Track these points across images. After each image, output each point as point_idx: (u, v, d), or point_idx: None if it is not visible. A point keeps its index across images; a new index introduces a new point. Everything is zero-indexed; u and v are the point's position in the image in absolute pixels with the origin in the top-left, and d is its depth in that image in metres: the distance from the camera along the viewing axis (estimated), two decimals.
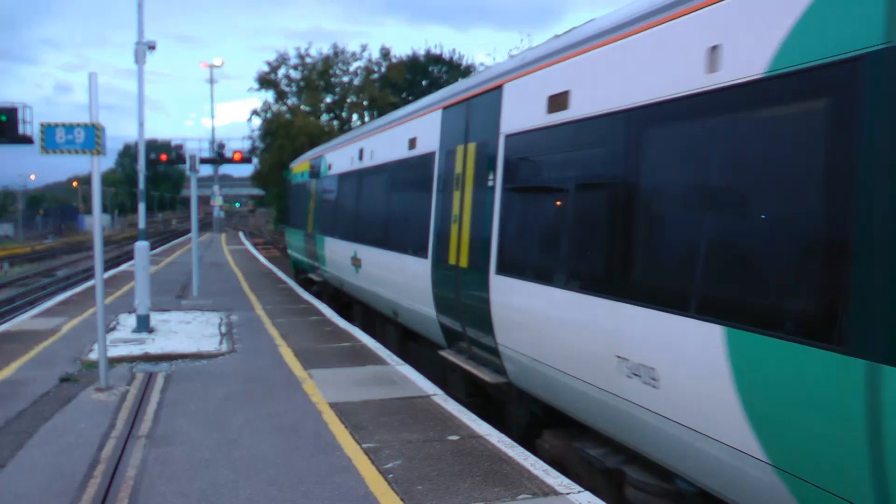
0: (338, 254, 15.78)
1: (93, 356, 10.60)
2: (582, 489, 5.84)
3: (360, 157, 14.36)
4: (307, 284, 21.38)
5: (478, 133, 8.55)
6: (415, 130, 11.02)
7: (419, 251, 10.12)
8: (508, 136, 7.66)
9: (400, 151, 11.61)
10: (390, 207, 12.22)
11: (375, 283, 12.82)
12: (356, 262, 13.89)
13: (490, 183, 7.96)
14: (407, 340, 12.11)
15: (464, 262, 8.58)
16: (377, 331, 13.91)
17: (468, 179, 8.68)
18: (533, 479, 6.02)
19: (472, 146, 8.69)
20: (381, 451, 6.72)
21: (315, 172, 19.83)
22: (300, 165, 23.13)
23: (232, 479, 6.11)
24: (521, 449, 6.83)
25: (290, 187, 25.95)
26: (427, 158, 10.20)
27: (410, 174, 11.09)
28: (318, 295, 19.07)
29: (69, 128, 8.69)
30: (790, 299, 4.25)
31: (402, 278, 10.99)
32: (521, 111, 7.48)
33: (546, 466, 6.36)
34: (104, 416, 7.96)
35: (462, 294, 8.62)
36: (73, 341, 12.08)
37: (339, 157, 16.71)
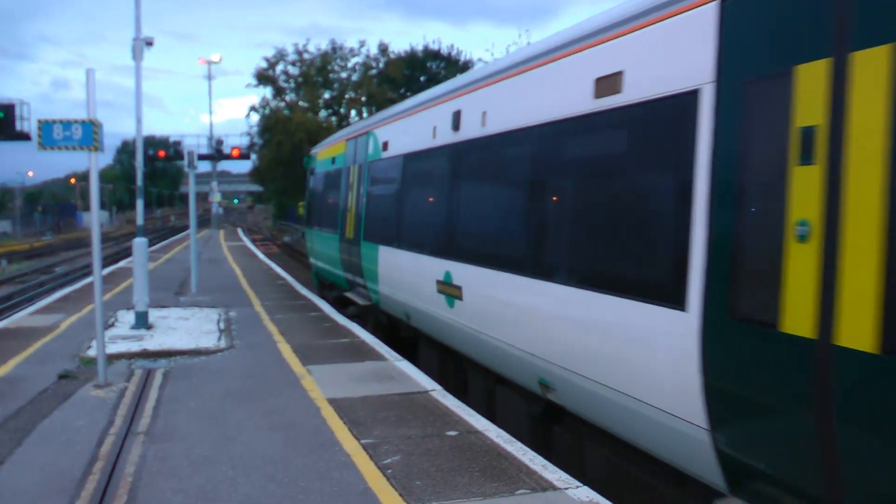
0: (406, 272, 10.91)
1: (91, 353, 10.59)
2: (580, 484, 5.84)
3: (456, 126, 9.16)
4: (341, 305, 16.30)
5: None
6: (614, 60, 6.03)
7: (654, 292, 5.34)
8: None
9: (568, 103, 6.64)
10: (542, 204, 7.13)
11: (499, 331, 7.78)
12: (450, 289, 8.95)
13: None
14: (551, 422, 7.45)
15: (866, 341, 3.70)
16: (471, 391, 9.33)
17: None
18: (531, 475, 6.03)
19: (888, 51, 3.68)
20: (380, 447, 6.73)
21: (357, 156, 14.55)
22: (330, 149, 18.12)
23: (231, 475, 6.11)
24: (520, 444, 6.83)
25: (314, 178, 20.05)
26: (664, 107, 5.40)
27: (605, 142, 6.31)
28: (357, 319, 14.32)
29: (67, 124, 8.67)
30: None
31: (589, 338, 6.17)
32: None
33: (545, 462, 6.37)
34: (103, 412, 7.96)
35: (858, 416, 3.82)
36: (71, 338, 12.07)
37: (406, 131, 11.56)
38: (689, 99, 5.11)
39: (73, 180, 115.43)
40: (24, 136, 33.31)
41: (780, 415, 4.34)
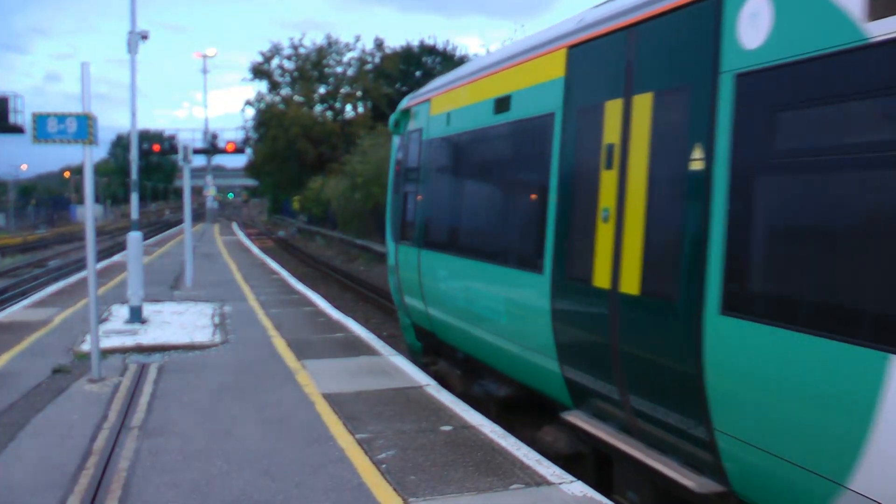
0: None
1: (85, 347, 10.56)
2: (574, 479, 5.86)
3: None
4: (508, 422, 7.98)
5: None
6: None
7: None
8: None
9: None
10: None
11: None
12: None
13: None
14: None
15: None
16: None
17: None
18: (525, 469, 6.04)
19: None
20: (375, 442, 6.73)
21: (639, 77, 5.54)
22: (481, 83, 8.44)
23: (225, 469, 6.11)
24: (514, 439, 6.85)
25: (419, 150, 10.33)
26: None
27: None
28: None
29: (61, 117, 8.64)
30: None
31: None
32: None
33: (538, 456, 6.38)
34: (97, 407, 7.95)
35: None
36: (65, 332, 12.05)
37: None
38: None
39: (67, 174, 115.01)
40: (18, 129, 33.29)
41: None
